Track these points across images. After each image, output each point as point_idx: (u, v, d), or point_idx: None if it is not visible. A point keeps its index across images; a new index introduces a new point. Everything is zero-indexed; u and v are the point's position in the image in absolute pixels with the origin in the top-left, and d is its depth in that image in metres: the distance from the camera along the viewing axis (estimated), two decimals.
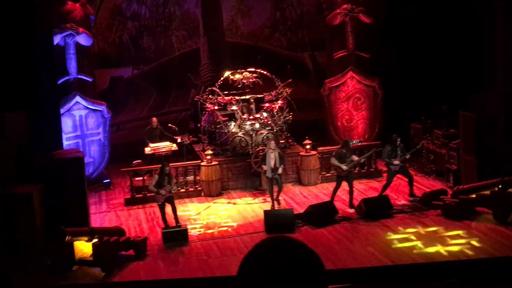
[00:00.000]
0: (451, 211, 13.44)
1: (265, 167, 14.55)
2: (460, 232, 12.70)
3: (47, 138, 13.55)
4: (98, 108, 17.43)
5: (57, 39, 16.17)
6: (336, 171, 14.99)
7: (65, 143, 15.86)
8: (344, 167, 14.32)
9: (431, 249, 11.92)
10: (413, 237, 12.56)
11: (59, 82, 16.04)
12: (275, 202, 14.60)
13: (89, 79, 17.46)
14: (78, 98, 16.98)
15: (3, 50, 12.89)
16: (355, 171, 15.78)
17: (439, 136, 16.51)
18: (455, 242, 12.23)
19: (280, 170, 14.49)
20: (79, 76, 17.07)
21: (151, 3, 20.47)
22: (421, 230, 12.93)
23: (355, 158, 14.77)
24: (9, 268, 11.24)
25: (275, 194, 14.66)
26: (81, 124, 17.11)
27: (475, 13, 16.32)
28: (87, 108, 17.20)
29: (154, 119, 17.70)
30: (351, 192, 14.55)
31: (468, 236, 12.49)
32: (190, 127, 17.75)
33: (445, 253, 11.76)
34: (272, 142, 14.79)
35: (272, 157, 14.46)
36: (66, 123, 16.52)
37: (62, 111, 15.94)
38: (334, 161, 14.66)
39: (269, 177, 14.54)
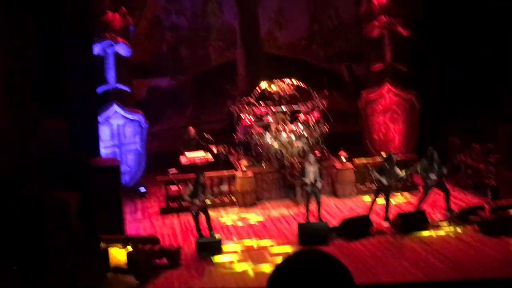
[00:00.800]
0: (488, 227, 13.21)
1: (306, 180, 14.44)
2: None
3: (85, 146, 13.75)
4: (136, 118, 17.63)
5: (96, 49, 16.43)
6: (376, 184, 14.86)
7: (103, 151, 16.07)
8: (384, 181, 14.17)
9: None
10: None
11: (98, 91, 16.29)
12: (315, 219, 14.47)
13: (127, 88, 17.68)
14: (116, 107, 17.20)
15: (48, 58, 13.13)
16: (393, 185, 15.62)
17: (477, 150, 16.27)
18: None
19: (319, 185, 14.39)
20: (118, 86, 17.30)
21: (190, 14, 20.66)
22: None
23: (398, 172, 14.60)
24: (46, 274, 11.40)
25: (315, 211, 14.57)
26: (118, 133, 17.32)
27: None
28: (124, 117, 17.41)
29: (191, 128, 17.81)
30: (387, 206, 14.40)
31: None
32: (235, 141, 17.61)
33: None
34: (311, 155, 14.69)
35: (312, 171, 14.35)
36: (104, 132, 16.74)
37: (100, 119, 16.15)
38: (375, 174, 14.52)
39: (308, 191, 14.45)
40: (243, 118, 17.21)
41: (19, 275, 11.12)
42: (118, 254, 12.42)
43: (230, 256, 12.84)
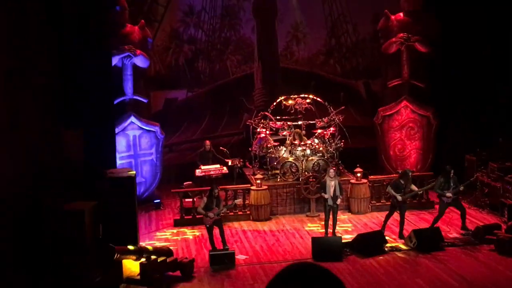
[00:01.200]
0: (505, 246, 13.07)
1: (326, 195, 14.27)
2: None
3: (101, 157, 13.81)
4: (152, 129, 17.71)
5: (115, 60, 16.55)
6: (390, 200, 14.78)
7: (119, 162, 16.13)
8: (399, 197, 14.08)
9: None
10: None
11: (115, 102, 16.40)
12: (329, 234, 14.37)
13: (144, 100, 17.79)
14: (133, 119, 17.29)
15: (66, 69, 13.24)
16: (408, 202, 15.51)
17: (494, 169, 16.14)
18: None
19: (339, 201, 14.25)
20: (135, 97, 17.41)
21: (208, 28, 20.78)
22: None
23: (414, 188, 14.50)
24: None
25: (330, 227, 14.39)
26: (134, 144, 17.39)
27: None
28: (141, 128, 17.49)
29: (207, 142, 17.87)
30: (401, 223, 14.31)
31: None
32: (251, 154, 17.57)
33: None
34: (331, 170, 14.60)
35: (332, 185, 14.22)
36: (120, 143, 16.82)
37: (117, 130, 16.24)
38: (390, 190, 14.44)
39: (330, 205, 14.30)
40: (259, 131, 17.23)
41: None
42: (132, 265, 12.44)
43: (243, 269, 12.80)
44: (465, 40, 17.70)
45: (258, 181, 16.18)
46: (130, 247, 11.95)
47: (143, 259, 12.11)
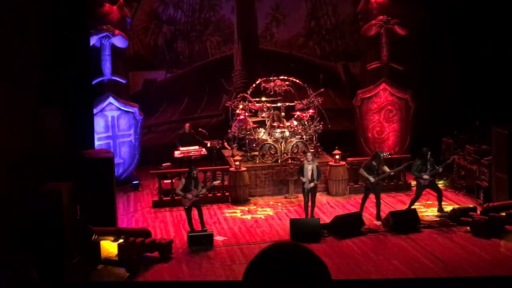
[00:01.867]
0: (480, 228, 13.25)
1: (303, 179, 14.32)
2: None
3: (79, 137, 13.72)
4: (131, 110, 17.61)
5: (93, 40, 16.39)
6: (364, 182, 14.90)
7: (97, 143, 16.05)
8: (371, 179, 14.18)
9: None
10: None
11: (93, 82, 16.25)
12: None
13: (123, 80, 17.66)
14: (111, 99, 17.17)
15: (41, 49, 13.08)
16: (384, 183, 15.62)
17: (470, 151, 16.29)
18: None
19: (312, 184, 14.24)
20: (113, 78, 17.27)
21: (187, 8, 20.63)
22: None
23: (386, 170, 14.62)
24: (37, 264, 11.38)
25: (309, 209, 14.50)
26: (113, 125, 17.29)
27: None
28: (119, 109, 17.39)
29: (187, 124, 17.83)
30: (378, 204, 14.43)
31: None
32: (230, 136, 17.57)
33: None
34: (309, 154, 14.66)
35: (310, 169, 14.28)
36: (98, 123, 16.71)
37: (95, 111, 16.13)
38: (362, 172, 14.56)
39: (307, 188, 14.34)
40: (238, 113, 17.21)
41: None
42: (110, 246, 12.42)
43: (221, 250, 12.85)
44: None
45: (237, 163, 16.20)
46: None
47: (121, 240, 12.12)
